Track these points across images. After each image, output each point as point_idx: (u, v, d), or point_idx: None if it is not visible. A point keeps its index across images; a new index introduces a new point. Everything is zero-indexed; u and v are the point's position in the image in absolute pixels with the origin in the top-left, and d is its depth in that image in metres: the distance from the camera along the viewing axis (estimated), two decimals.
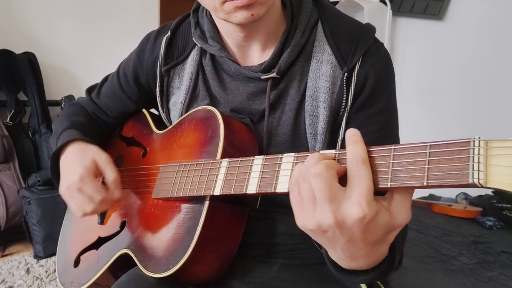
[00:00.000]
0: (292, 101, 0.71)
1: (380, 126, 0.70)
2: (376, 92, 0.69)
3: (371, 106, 0.69)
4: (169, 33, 0.79)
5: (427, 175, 0.39)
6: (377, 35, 0.72)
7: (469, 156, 0.36)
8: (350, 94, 0.68)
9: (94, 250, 0.81)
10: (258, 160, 0.56)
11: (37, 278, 1.69)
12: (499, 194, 2.26)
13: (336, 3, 2.76)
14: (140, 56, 0.83)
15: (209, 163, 0.64)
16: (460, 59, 2.60)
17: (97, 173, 0.73)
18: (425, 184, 0.38)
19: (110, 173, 0.72)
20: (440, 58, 2.69)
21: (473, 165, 0.36)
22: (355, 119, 0.69)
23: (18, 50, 2.15)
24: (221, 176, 0.60)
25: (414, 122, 2.76)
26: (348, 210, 0.42)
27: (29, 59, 2.13)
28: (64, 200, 0.74)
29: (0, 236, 1.89)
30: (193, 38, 0.77)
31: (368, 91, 0.69)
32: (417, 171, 0.40)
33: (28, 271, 1.74)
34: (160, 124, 0.85)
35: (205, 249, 0.63)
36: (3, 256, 1.86)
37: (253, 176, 0.55)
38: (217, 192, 0.60)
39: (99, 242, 0.81)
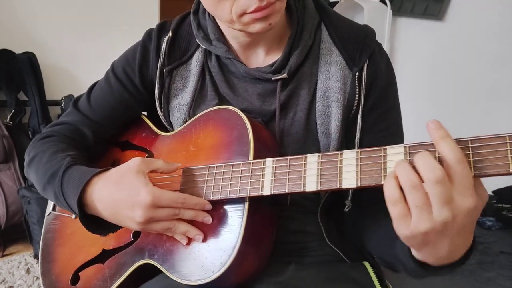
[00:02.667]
0: (303, 102, 0.72)
1: (390, 123, 0.74)
2: (384, 90, 0.73)
3: (382, 105, 0.73)
4: (170, 33, 0.78)
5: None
6: (377, 35, 0.75)
7: None
8: (362, 92, 0.71)
9: (100, 264, 0.76)
10: (313, 157, 0.57)
11: (37, 278, 1.69)
12: (499, 194, 2.26)
13: (336, 3, 2.76)
14: (144, 55, 0.80)
15: (250, 163, 0.62)
16: (460, 59, 2.60)
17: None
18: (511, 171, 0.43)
19: (155, 164, 0.67)
20: (440, 59, 2.69)
21: None
22: (368, 118, 0.73)
23: (18, 50, 2.14)
24: (269, 176, 0.59)
25: (412, 122, 2.76)
26: (462, 204, 0.45)
27: (29, 59, 2.13)
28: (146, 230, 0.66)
29: (0, 236, 1.89)
30: (197, 40, 0.77)
31: (378, 90, 0.72)
32: (500, 160, 0.44)
33: (28, 271, 1.74)
34: (160, 126, 0.82)
35: (247, 251, 0.62)
36: (3, 256, 1.86)
37: (310, 173, 0.56)
38: (266, 192, 0.59)
39: (104, 255, 0.76)
